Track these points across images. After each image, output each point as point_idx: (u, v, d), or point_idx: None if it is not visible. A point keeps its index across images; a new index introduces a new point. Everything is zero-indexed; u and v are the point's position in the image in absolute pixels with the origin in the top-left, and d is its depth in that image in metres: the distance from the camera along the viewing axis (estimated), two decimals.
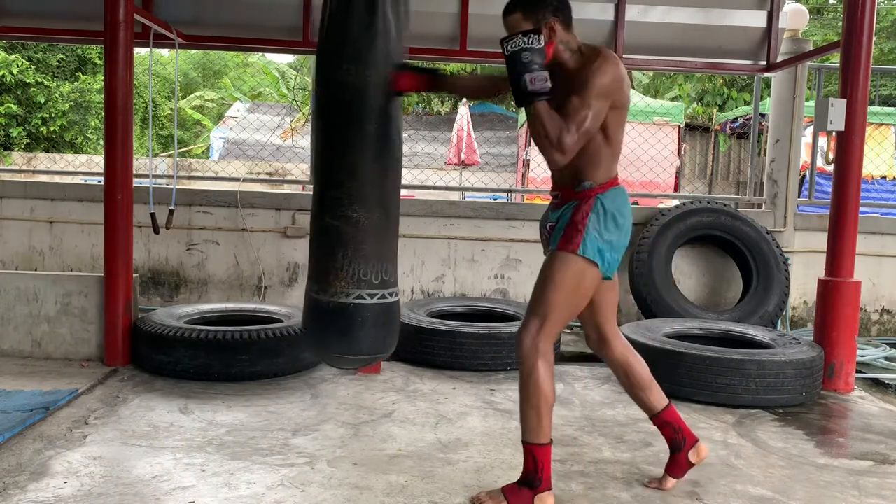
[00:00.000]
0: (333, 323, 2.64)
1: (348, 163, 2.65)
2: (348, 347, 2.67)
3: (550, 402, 2.45)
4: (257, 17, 5.25)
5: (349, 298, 2.61)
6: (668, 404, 2.69)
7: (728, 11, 5.40)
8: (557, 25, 2.39)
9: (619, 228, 2.47)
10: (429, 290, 5.65)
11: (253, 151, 15.01)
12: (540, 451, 2.46)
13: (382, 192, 2.69)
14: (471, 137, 12.37)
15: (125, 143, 4.11)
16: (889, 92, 16.57)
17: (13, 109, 15.71)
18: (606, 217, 2.45)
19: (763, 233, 5.40)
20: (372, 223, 2.64)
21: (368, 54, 2.59)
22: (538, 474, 2.46)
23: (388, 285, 2.70)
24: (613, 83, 2.35)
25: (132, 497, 2.49)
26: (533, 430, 2.46)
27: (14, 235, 5.67)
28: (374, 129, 2.63)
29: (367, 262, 2.62)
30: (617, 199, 2.49)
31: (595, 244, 2.43)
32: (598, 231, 2.44)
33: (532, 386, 2.44)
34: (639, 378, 2.66)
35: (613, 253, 2.47)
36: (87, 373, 3.90)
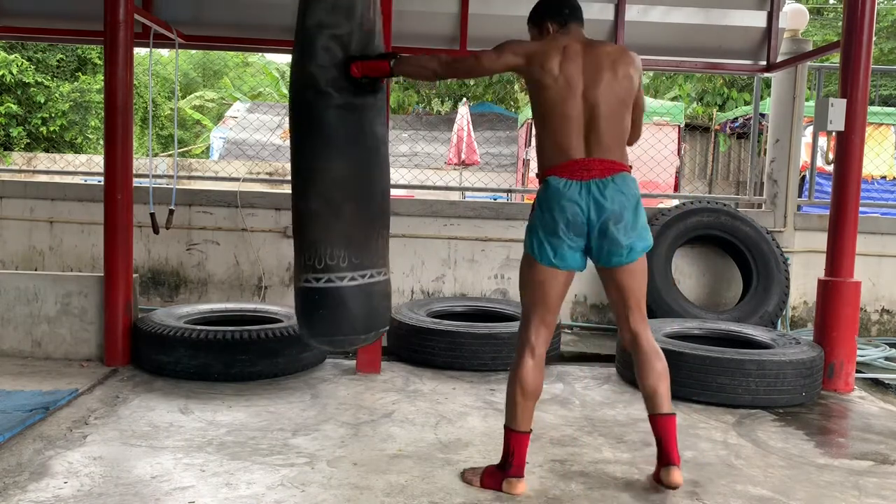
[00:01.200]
0: (296, 306, 2.90)
1: (300, 150, 2.80)
2: (305, 329, 2.88)
3: (528, 392, 2.60)
4: (257, 17, 5.25)
5: (300, 283, 2.82)
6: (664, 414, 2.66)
7: (728, 11, 5.40)
8: (551, 26, 2.76)
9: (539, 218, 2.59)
10: (429, 290, 5.65)
11: (253, 151, 15.01)
12: (514, 437, 2.63)
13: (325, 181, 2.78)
14: (471, 137, 12.36)
15: (125, 143, 4.11)
16: (889, 92, 16.56)
17: (13, 109, 15.71)
18: (535, 206, 2.63)
19: (763, 233, 5.40)
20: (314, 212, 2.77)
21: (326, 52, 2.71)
22: (510, 458, 2.63)
23: (333, 269, 2.77)
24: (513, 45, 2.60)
25: (132, 497, 2.49)
26: (510, 416, 2.63)
27: (14, 235, 5.67)
28: (327, 117, 2.73)
29: (311, 248, 2.78)
30: (540, 189, 2.62)
31: (527, 232, 2.64)
32: (530, 220, 2.65)
33: (514, 375, 2.62)
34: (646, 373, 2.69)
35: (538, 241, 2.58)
36: (87, 373, 3.90)
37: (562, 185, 2.54)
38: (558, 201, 2.54)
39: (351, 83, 2.71)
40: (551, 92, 2.55)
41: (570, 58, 2.57)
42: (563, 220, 2.54)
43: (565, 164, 2.56)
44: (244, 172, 10.92)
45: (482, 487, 2.63)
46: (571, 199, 2.53)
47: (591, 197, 2.54)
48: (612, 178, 2.56)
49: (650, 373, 2.66)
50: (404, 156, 15.31)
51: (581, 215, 2.54)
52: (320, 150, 2.75)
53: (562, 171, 2.56)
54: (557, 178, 2.56)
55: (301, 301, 2.84)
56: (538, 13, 2.79)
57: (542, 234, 2.57)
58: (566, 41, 2.62)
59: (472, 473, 2.71)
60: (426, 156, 15.13)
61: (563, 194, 2.53)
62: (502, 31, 5.39)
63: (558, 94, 2.55)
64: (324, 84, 2.71)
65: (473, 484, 2.65)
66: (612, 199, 2.55)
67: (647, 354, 2.67)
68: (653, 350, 2.68)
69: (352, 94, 2.76)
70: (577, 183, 2.54)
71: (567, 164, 2.56)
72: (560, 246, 2.55)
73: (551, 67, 2.55)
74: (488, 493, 2.62)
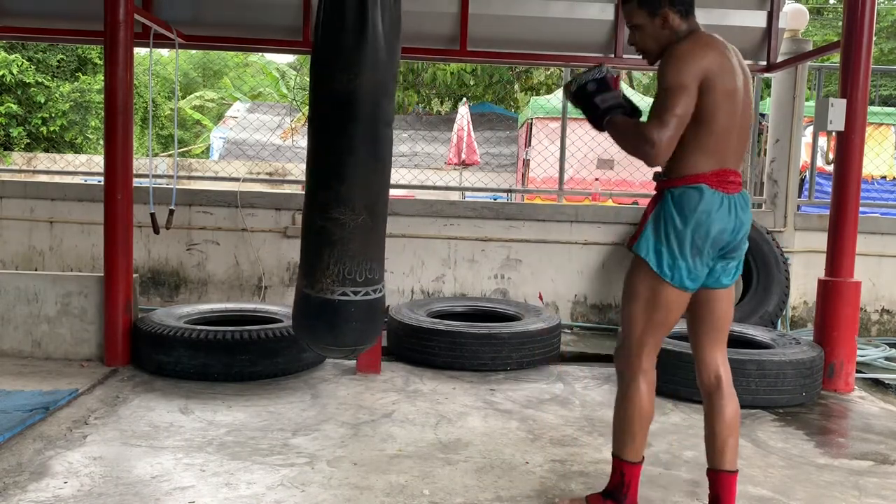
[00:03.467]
0: (320, 316, 2.80)
1: (336, 166, 2.75)
2: (334, 339, 2.84)
3: (646, 421, 2.37)
4: (257, 17, 5.25)
5: (334, 295, 2.75)
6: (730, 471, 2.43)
7: (728, 11, 5.39)
8: (672, 14, 2.32)
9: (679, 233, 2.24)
10: (429, 290, 5.64)
11: (253, 151, 15.00)
12: (629, 468, 2.41)
13: (369, 195, 2.79)
14: (471, 137, 12.36)
15: (125, 143, 4.10)
16: (889, 92, 16.57)
17: (13, 109, 15.72)
18: (668, 216, 2.26)
19: (763, 233, 5.40)
20: (357, 224, 2.74)
21: (359, 61, 2.65)
22: (624, 490, 2.42)
23: (371, 283, 2.82)
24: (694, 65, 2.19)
25: (132, 497, 2.49)
26: (624, 446, 2.40)
27: (14, 235, 5.67)
28: (364, 134, 2.72)
29: (352, 262, 2.75)
30: (686, 198, 2.24)
31: (649, 242, 2.29)
32: (655, 229, 2.29)
33: (629, 402, 2.36)
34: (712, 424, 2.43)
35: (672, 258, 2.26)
36: (87, 373, 3.90)
37: (716, 198, 2.23)
38: (713, 215, 2.23)
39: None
40: (726, 94, 2.22)
41: (728, 59, 2.26)
42: (713, 237, 2.24)
43: (716, 172, 2.25)
44: (244, 172, 10.93)
45: None
46: (724, 216, 2.24)
47: (735, 213, 2.27)
48: (744, 192, 2.34)
49: (724, 420, 2.40)
50: (404, 156, 15.31)
51: (728, 233, 2.27)
52: (369, 164, 2.77)
53: (714, 181, 2.24)
54: (711, 189, 2.23)
55: (332, 314, 2.78)
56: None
57: (678, 251, 2.24)
58: (720, 40, 2.29)
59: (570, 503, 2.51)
60: (426, 156, 15.12)
61: (719, 209, 2.23)
62: (502, 32, 5.44)
63: (726, 96, 2.23)
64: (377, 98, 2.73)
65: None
66: (747, 216, 2.34)
67: (726, 398, 2.41)
68: (732, 393, 2.43)
69: (390, 111, 2.80)
70: (728, 196, 2.26)
71: (719, 172, 2.25)
72: (697, 266, 2.26)
73: (728, 70, 2.24)
74: (488, 493, 2.62)
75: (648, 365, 2.36)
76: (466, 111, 12.73)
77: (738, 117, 2.28)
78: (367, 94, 2.70)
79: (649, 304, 2.30)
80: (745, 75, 2.31)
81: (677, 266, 2.25)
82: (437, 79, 16.56)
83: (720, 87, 2.21)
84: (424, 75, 16.60)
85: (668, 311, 2.30)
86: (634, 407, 2.35)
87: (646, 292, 2.30)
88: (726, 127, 2.25)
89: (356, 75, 2.67)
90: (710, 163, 2.25)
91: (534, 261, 5.62)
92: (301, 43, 5.24)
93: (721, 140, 2.25)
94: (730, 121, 2.25)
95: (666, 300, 2.29)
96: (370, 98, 2.71)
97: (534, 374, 4.28)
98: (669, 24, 2.32)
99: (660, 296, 2.28)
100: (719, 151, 2.26)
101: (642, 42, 2.39)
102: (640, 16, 2.35)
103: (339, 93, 2.69)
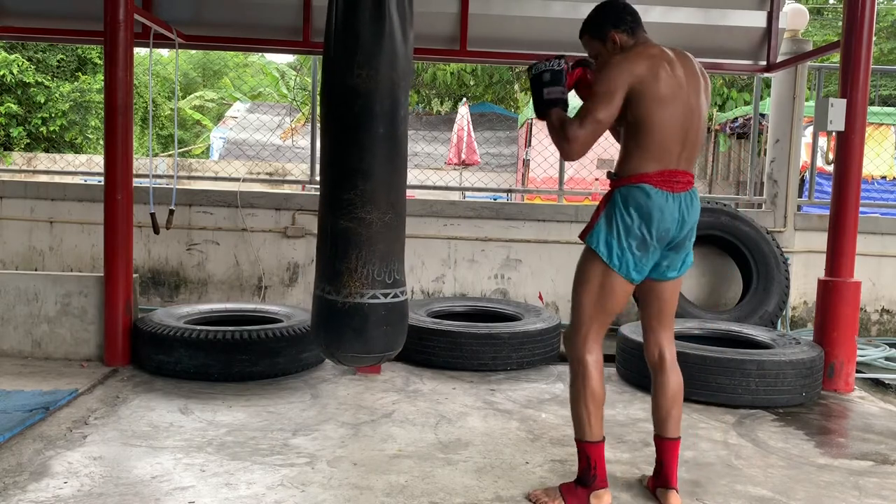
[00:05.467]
0: (348, 323, 2.71)
1: (361, 165, 2.69)
2: (363, 346, 2.75)
3: (599, 401, 2.50)
4: (257, 17, 5.25)
5: (364, 298, 2.68)
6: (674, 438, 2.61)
7: (728, 11, 5.39)
8: (618, 35, 2.55)
9: (627, 228, 2.43)
10: (429, 290, 5.64)
11: (253, 151, 15.00)
12: (592, 448, 2.52)
13: (393, 193, 2.75)
14: (471, 137, 12.36)
15: (125, 143, 4.10)
16: (889, 92, 16.57)
17: (13, 109, 15.72)
18: (617, 212, 2.44)
19: (763, 233, 5.40)
20: (384, 224, 2.69)
21: (378, 58, 2.62)
22: (592, 472, 2.53)
23: (398, 284, 2.77)
24: (620, 74, 2.38)
25: (132, 497, 2.49)
26: (584, 429, 2.52)
27: (14, 235, 5.67)
28: (385, 131, 2.67)
29: (380, 262, 2.70)
30: (632, 196, 2.43)
31: (601, 235, 2.47)
32: (607, 224, 2.46)
33: (580, 385, 2.51)
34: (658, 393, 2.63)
35: (621, 250, 2.43)
36: (87, 373, 3.90)
37: (660, 196, 2.42)
38: (657, 213, 2.42)
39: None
40: (661, 99, 2.39)
41: (674, 66, 2.44)
42: (657, 233, 2.44)
43: (661, 172, 2.43)
44: (244, 172, 10.92)
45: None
46: (668, 212, 2.43)
47: (680, 211, 2.47)
48: (692, 191, 2.51)
49: (667, 393, 2.60)
50: None
51: (673, 229, 2.46)
52: (392, 161, 2.73)
53: (658, 181, 2.43)
54: (655, 188, 2.42)
55: (363, 319, 2.72)
56: (598, 24, 2.57)
57: (625, 243, 2.43)
58: (658, 49, 2.47)
59: (545, 496, 2.57)
60: (426, 156, 15.11)
61: (661, 206, 2.42)
62: (502, 32, 5.44)
63: (668, 101, 2.40)
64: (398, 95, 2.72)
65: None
66: (693, 214, 2.52)
67: (668, 373, 2.61)
68: (675, 368, 2.62)
69: (406, 107, 2.79)
70: (672, 195, 2.44)
71: (663, 172, 2.43)
72: (642, 259, 2.46)
73: (662, 77, 2.39)
74: (488, 493, 2.62)
75: (595, 347, 2.54)
76: (466, 111, 12.73)
77: (684, 122, 2.44)
78: (386, 89, 2.66)
79: (598, 292, 2.49)
80: (691, 83, 2.47)
81: (625, 258, 2.44)
82: (437, 79, 16.57)
83: (653, 94, 2.38)
84: (424, 75, 16.60)
85: (614, 299, 2.50)
86: (586, 388, 2.50)
87: (595, 281, 2.49)
88: (670, 132, 2.42)
89: (376, 71, 2.64)
90: (654, 164, 2.43)
91: (534, 261, 5.62)
92: (301, 43, 5.24)
93: (665, 144, 2.43)
94: (673, 126, 2.42)
95: (613, 289, 2.48)
96: (389, 94, 2.68)
97: (534, 374, 4.28)
98: (619, 45, 2.54)
99: (607, 284, 2.48)
100: (664, 154, 2.43)
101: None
102: (594, 45, 2.60)
103: (358, 89, 2.65)
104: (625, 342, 4.17)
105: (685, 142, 2.47)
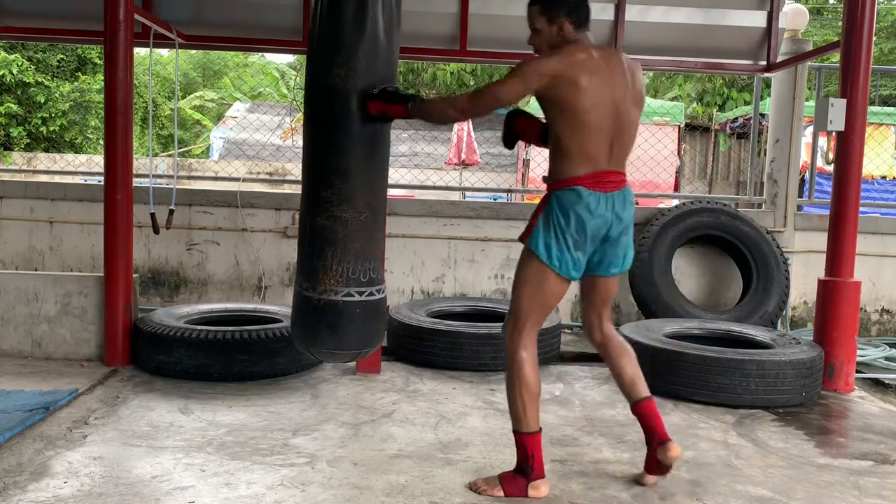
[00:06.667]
0: (322, 319, 2.75)
1: (338, 164, 2.72)
2: (337, 343, 2.79)
3: (533, 392, 2.57)
4: (257, 17, 5.25)
5: (338, 296, 2.71)
6: (649, 397, 2.72)
7: (728, 11, 5.40)
8: (567, 24, 2.55)
9: (563, 229, 2.51)
10: (429, 290, 5.64)
11: (253, 151, 15.00)
12: (529, 439, 2.58)
13: (370, 192, 2.76)
14: (471, 137, 12.36)
15: (125, 143, 4.10)
16: (889, 92, 16.57)
17: (13, 109, 15.71)
18: (553, 214, 2.53)
19: (763, 233, 5.40)
20: (360, 223, 2.72)
21: (357, 58, 2.63)
22: (529, 462, 2.58)
23: (374, 282, 2.79)
24: (533, 66, 2.46)
25: (132, 497, 2.49)
26: (520, 420, 2.58)
27: (14, 235, 5.67)
28: (363, 131, 2.69)
29: (355, 261, 2.72)
30: (566, 198, 2.51)
31: (539, 238, 2.55)
32: (545, 226, 2.54)
33: (514, 376, 2.58)
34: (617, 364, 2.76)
35: (560, 251, 2.52)
36: (87, 373, 3.90)
37: (591, 198, 2.50)
38: (588, 213, 2.50)
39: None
40: (584, 104, 2.45)
41: (598, 69, 2.47)
42: (591, 232, 2.52)
43: (592, 174, 2.51)
44: (244, 172, 10.92)
45: (506, 497, 2.56)
46: (599, 212, 2.51)
47: (613, 210, 2.54)
48: (624, 189, 2.59)
49: (629, 362, 2.72)
50: (404, 156, 15.31)
51: (604, 228, 2.54)
52: (368, 159, 2.74)
53: (589, 182, 2.50)
54: (587, 190, 2.49)
55: (337, 316, 2.75)
56: (554, 2, 2.56)
57: (563, 244, 2.52)
58: (585, 52, 2.50)
59: (485, 484, 2.62)
60: (426, 156, 15.12)
61: (593, 207, 2.50)
62: (502, 32, 5.44)
63: (591, 106, 2.46)
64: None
65: (494, 494, 2.57)
66: (627, 212, 2.60)
67: (621, 346, 2.75)
68: (614, 334, 2.78)
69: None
70: (604, 195, 2.52)
71: (594, 174, 2.51)
72: (579, 258, 2.55)
73: (582, 81, 2.43)
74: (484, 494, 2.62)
75: (530, 341, 2.61)
76: None
77: (611, 125, 2.51)
78: (367, 89, 2.67)
79: (538, 289, 2.58)
80: (622, 86, 2.53)
81: (564, 258, 2.53)
82: (437, 79, 16.56)
83: (576, 98, 2.44)
84: (424, 75, 16.60)
85: (552, 297, 2.61)
86: (521, 378, 2.56)
87: (534, 280, 2.58)
88: (596, 136, 2.49)
89: (354, 70, 2.66)
90: (584, 167, 2.51)
91: None
92: (301, 43, 5.23)
93: (594, 147, 2.50)
94: (599, 129, 2.49)
95: (550, 288, 2.57)
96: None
97: None
98: (563, 32, 2.55)
99: (545, 284, 2.57)
100: (594, 157, 2.51)
101: (538, 43, 2.63)
102: (540, 21, 2.60)
103: (337, 88, 2.67)
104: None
105: (613, 143, 2.54)
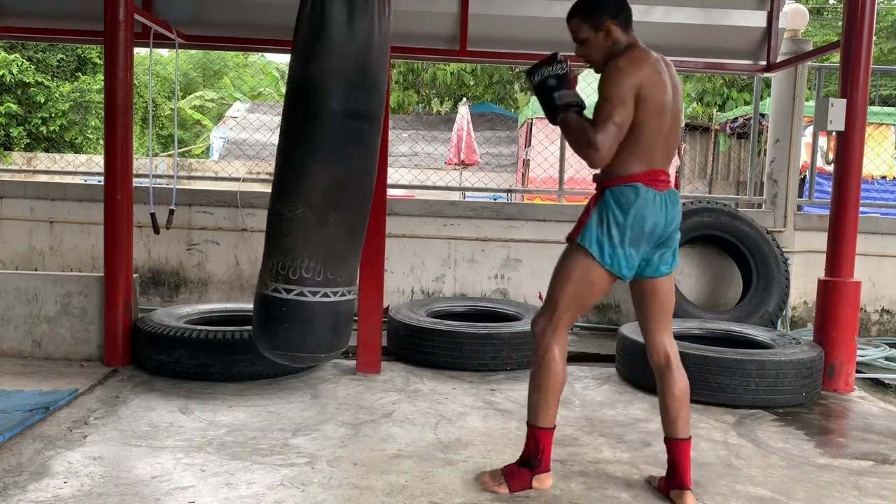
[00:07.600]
0: (256, 311, 2.79)
1: (282, 156, 2.74)
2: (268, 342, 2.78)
3: (559, 389, 2.57)
4: (257, 17, 5.25)
5: (267, 290, 2.72)
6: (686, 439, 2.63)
7: (728, 11, 5.40)
8: (614, 27, 2.54)
9: (619, 225, 2.47)
10: (429, 290, 5.65)
11: (253, 151, 15.00)
12: (543, 434, 2.60)
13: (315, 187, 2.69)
14: (471, 137, 12.36)
15: (125, 143, 4.10)
16: (889, 92, 16.58)
17: (13, 109, 15.72)
18: (609, 211, 2.49)
19: (763, 233, 5.40)
20: (294, 217, 2.67)
21: (312, 49, 2.65)
22: (539, 456, 2.60)
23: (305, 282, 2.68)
24: (630, 78, 2.41)
25: (132, 497, 2.49)
26: (539, 415, 2.58)
27: (14, 235, 5.67)
28: (311, 123, 2.67)
29: (284, 257, 2.68)
30: (623, 195, 2.48)
31: (592, 235, 2.51)
32: (598, 223, 2.51)
33: (543, 371, 2.55)
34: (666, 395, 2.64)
35: (612, 248, 2.48)
36: (87, 373, 3.90)
37: (649, 194, 2.49)
38: (647, 209, 2.48)
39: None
40: (652, 107, 2.45)
41: (661, 70, 2.49)
42: (648, 228, 2.49)
43: (647, 172, 2.50)
44: (244, 172, 10.91)
45: (511, 492, 2.58)
46: (657, 210, 2.50)
47: (666, 208, 2.52)
48: (671, 189, 2.58)
49: (675, 394, 2.62)
50: (404, 156, 15.31)
51: (661, 226, 2.52)
52: (314, 153, 2.69)
53: (647, 180, 2.49)
54: (645, 187, 2.49)
55: (264, 310, 2.74)
56: (595, 9, 2.54)
57: (617, 240, 2.48)
58: (646, 54, 2.49)
59: (491, 480, 2.64)
60: (426, 156, 15.11)
61: (650, 203, 2.48)
62: (502, 32, 5.44)
63: (658, 109, 2.46)
64: (329, 86, 2.67)
65: (499, 491, 2.58)
66: (677, 210, 2.58)
67: (675, 375, 2.63)
68: (680, 369, 2.64)
69: (354, 101, 2.70)
70: (660, 193, 2.51)
71: (649, 172, 2.50)
72: (633, 256, 2.51)
73: (655, 85, 2.45)
74: (488, 493, 2.62)
75: (563, 336, 2.59)
76: (466, 111, 12.73)
77: (667, 125, 2.51)
78: (317, 81, 2.65)
79: (578, 286, 2.54)
80: (674, 87, 2.53)
81: (616, 255, 2.49)
82: (437, 79, 16.58)
83: (652, 101, 2.44)
84: (424, 75, 16.60)
85: (594, 295, 2.58)
86: (551, 374, 2.55)
87: (578, 276, 2.54)
88: (654, 135, 2.49)
89: (306, 62, 2.66)
90: (641, 165, 2.49)
91: (534, 261, 5.62)
92: None
93: (650, 145, 2.49)
94: (658, 129, 2.49)
95: (597, 285, 2.54)
96: (323, 87, 2.66)
97: None
98: (612, 36, 2.54)
99: (590, 281, 2.53)
100: (649, 155, 2.50)
101: (588, 54, 2.61)
102: (584, 30, 2.57)
103: (293, 80, 2.70)
104: (625, 342, 4.17)
105: (666, 144, 2.54)
